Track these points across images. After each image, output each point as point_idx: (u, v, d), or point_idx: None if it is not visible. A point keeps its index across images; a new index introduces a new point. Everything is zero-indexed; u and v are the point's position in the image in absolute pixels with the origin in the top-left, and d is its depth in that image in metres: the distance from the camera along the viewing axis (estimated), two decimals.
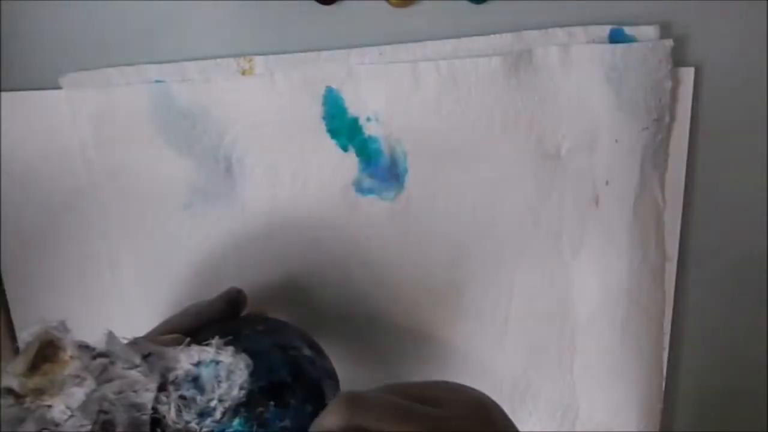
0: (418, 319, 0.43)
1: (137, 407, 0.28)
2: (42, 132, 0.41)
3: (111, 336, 0.29)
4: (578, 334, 0.43)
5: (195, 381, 0.30)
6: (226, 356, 0.30)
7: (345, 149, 0.40)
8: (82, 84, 0.40)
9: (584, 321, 0.43)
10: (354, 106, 0.39)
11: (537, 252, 0.42)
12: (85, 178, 0.41)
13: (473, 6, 0.38)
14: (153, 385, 0.29)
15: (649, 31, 0.38)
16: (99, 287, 0.44)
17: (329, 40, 0.39)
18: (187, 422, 0.29)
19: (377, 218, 0.41)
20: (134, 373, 0.29)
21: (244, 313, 0.38)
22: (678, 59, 0.39)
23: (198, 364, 0.30)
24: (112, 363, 0.29)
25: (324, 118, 0.40)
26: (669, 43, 0.37)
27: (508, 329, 0.43)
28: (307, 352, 0.35)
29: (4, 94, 0.40)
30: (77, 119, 0.40)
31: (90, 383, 0.28)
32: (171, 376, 0.29)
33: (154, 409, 0.29)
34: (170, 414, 0.29)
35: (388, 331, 0.44)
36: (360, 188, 0.41)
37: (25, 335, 0.29)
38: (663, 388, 0.43)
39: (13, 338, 0.45)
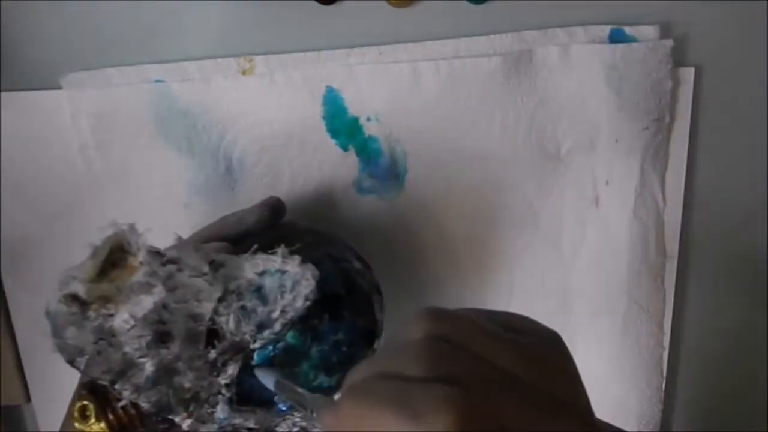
0: None
1: (195, 318, 0.27)
2: (42, 132, 0.41)
3: (182, 241, 0.28)
4: (578, 334, 0.43)
5: (258, 291, 0.28)
6: (293, 266, 0.28)
7: (345, 149, 0.40)
8: (82, 84, 0.40)
9: (584, 321, 0.43)
10: (354, 106, 0.39)
11: (537, 251, 0.42)
12: (85, 178, 0.41)
13: (473, 6, 0.38)
14: (216, 295, 0.27)
15: (650, 31, 0.38)
16: None
17: (329, 40, 0.39)
18: (244, 334, 0.28)
19: (377, 218, 0.41)
20: (200, 282, 0.27)
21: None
22: (678, 59, 0.38)
23: (262, 273, 0.28)
24: (180, 270, 0.27)
25: (324, 117, 0.40)
26: (669, 43, 0.37)
27: None
28: (357, 264, 0.34)
29: (4, 94, 0.40)
30: (77, 119, 0.40)
31: (159, 291, 0.26)
32: (232, 286, 0.28)
33: (212, 320, 0.27)
34: (228, 325, 0.27)
35: (387, 331, 0.44)
36: (360, 188, 0.41)
37: (94, 239, 0.26)
38: (663, 388, 0.43)
39: (13, 338, 0.45)
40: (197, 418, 0.28)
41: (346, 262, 0.34)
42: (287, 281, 0.28)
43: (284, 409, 0.30)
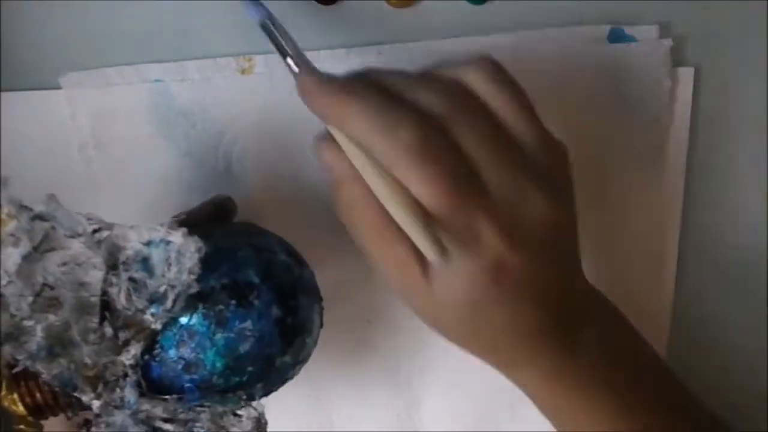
0: (416, 319, 0.43)
1: (85, 287, 0.27)
2: (42, 132, 0.41)
3: (52, 198, 0.27)
4: None
5: (145, 262, 0.28)
6: (177, 236, 0.28)
7: None
8: (81, 84, 0.40)
9: None
10: None
11: None
12: (85, 178, 0.41)
13: (473, 6, 0.38)
14: (99, 261, 0.27)
15: (649, 31, 0.38)
16: None
17: (329, 40, 0.39)
18: (138, 309, 0.28)
19: None
20: (77, 244, 0.27)
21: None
22: (677, 59, 0.38)
23: (148, 243, 0.28)
24: (53, 229, 0.27)
25: None
26: (668, 42, 0.37)
27: None
28: (283, 257, 0.33)
29: (4, 94, 0.40)
30: (77, 119, 0.40)
31: (26, 244, 0.26)
32: (121, 257, 0.28)
33: (105, 293, 0.27)
34: (120, 298, 0.27)
35: (387, 331, 0.44)
36: None
37: None
38: None
39: None
40: (107, 401, 0.28)
41: (269, 252, 0.33)
42: (171, 252, 0.28)
43: (196, 400, 0.30)
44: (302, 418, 0.44)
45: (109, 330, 0.27)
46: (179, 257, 0.28)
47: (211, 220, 0.36)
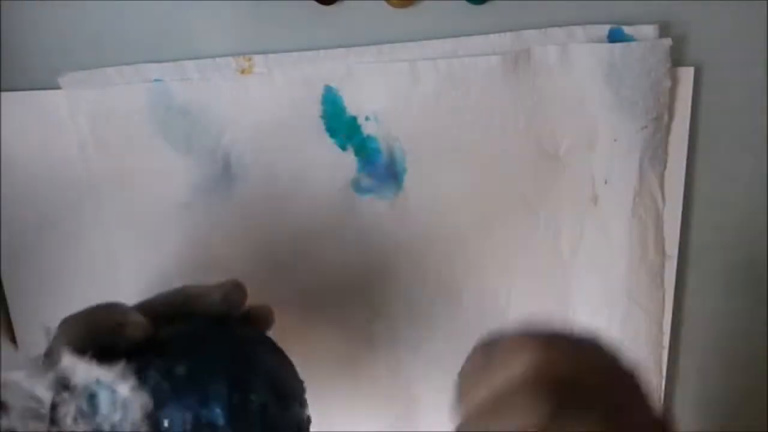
0: (416, 319, 0.43)
1: (35, 399, 0.27)
2: (42, 132, 0.41)
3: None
4: None
5: (92, 398, 0.27)
6: (124, 389, 0.27)
7: (344, 148, 0.40)
8: (81, 83, 0.40)
9: (583, 320, 0.43)
10: (353, 106, 0.39)
11: (536, 251, 0.42)
12: (85, 178, 0.42)
13: (473, 6, 0.38)
14: (42, 387, 0.27)
15: (649, 31, 0.38)
16: (98, 287, 0.44)
17: (329, 40, 0.39)
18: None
19: (376, 218, 0.41)
20: (20, 374, 0.27)
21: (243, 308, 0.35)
22: (677, 59, 0.38)
23: (97, 383, 0.27)
24: None
25: (323, 117, 0.40)
26: (668, 42, 0.37)
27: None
28: (260, 397, 0.31)
29: (4, 94, 0.40)
30: (76, 119, 0.40)
31: None
32: (71, 383, 0.27)
33: (53, 407, 0.27)
34: (66, 419, 0.27)
35: (386, 331, 0.44)
36: (359, 188, 0.41)
37: None
38: (663, 388, 0.43)
39: (13, 338, 0.45)
40: None
41: (248, 393, 0.30)
42: (117, 400, 0.27)
43: None
44: None
45: None
46: (125, 407, 0.27)
47: (216, 313, 0.34)
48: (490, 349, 0.26)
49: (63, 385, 0.27)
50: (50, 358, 0.28)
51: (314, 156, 0.40)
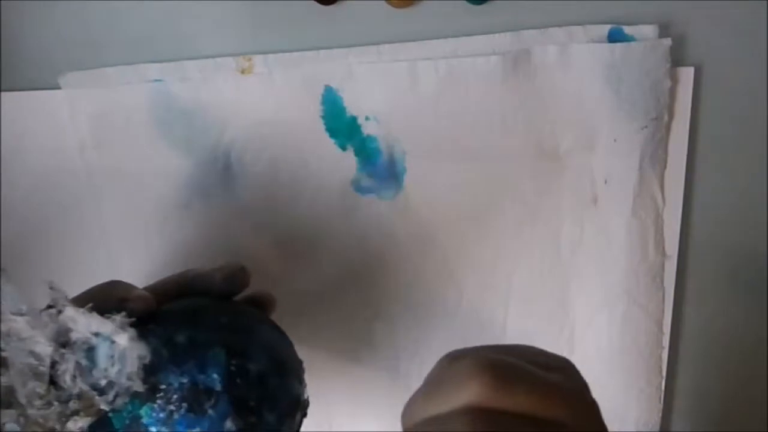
0: (416, 319, 0.43)
1: (35, 356, 0.27)
2: (42, 132, 0.41)
3: (3, 273, 0.28)
4: (577, 333, 0.43)
5: (90, 351, 0.27)
6: (122, 338, 0.27)
7: (344, 148, 0.40)
8: (81, 83, 0.40)
9: (583, 320, 0.43)
10: (353, 106, 0.39)
11: (535, 251, 0.42)
12: (85, 178, 0.42)
13: (473, 6, 0.38)
14: (43, 340, 0.27)
15: (648, 31, 0.38)
16: None
17: (329, 40, 0.39)
18: (83, 390, 0.27)
19: (376, 218, 0.41)
20: (21, 321, 0.27)
21: (247, 293, 0.36)
22: (677, 59, 0.38)
23: (96, 335, 0.27)
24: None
25: (323, 117, 0.40)
26: (668, 42, 0.37)
27: (506, 329, 0.43)
28: (260, 366, 0.31)
29: (4, 94, 0.40)
30: (76, 119, 0.40)
31: None
32: (71, 337, 0.27)
33: (54, 365, 0.27)
34: (65, 377, 0.27)
35: (386, 331, 0.44)
36: (359, 188, 0.41)
37: None
38: (663, 388, 0.43)
39: None
40: None
41: (245, 360, 0.31)
42: (116, 352, 0.27)
43: None
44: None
45: (54, 400, 0.27)
46: (122, 358, 0.28)
47: (219, 293, 0.34)
48: (449, 366, 0.25)
49: (63, 340, 0.27)
50: (52, 310, 0.28)
51: (314, 156, 0.40)
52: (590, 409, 0.25)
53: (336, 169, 0.40)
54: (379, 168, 0.41)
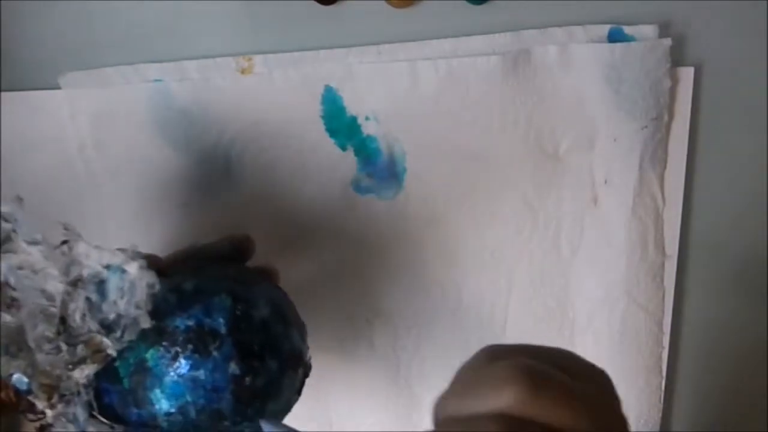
0: (416, 319, 0.43)
1: (46, 296, 0.27)
2: (42, 132, 0.41)
3: (17, 201, 0.27)
4: (577, 333, 0.43)
5: (100, 285, 0.28)
6: (132, 267, 0.28)
7: (344, 148, 0.40)
8: (81, 83, 0.40)
9: (583, 320, 0.43)
10: (353, 106, 0.39)
11: (535, 251, 0.42)
12: (85, 178, 0.42)
13: (473, 6, 0.38)
14: (55, 272, 0.27)
15: (648, 31, 0.38)
16: None
17: (329, 40, 0.39)
18: (91, 330, 0.27)
19: (376, 217, 0.41)
20: (36, 252, 0.27)
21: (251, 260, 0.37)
22: (677, 59, 0.38)
23: (107, 267, 0.28)
24: (15, 231, 0.27)
25: (323, 117, 0.40)
26: (668, 42, 0.37)
27: (506, 329, 0.43)
28: (264, 314, 0.32)
29: (4, 94, 0.40)
30: (76, 119, 0.40)
31: None
32: (83, 273, 0.28)
33: (64, 305, 0.27)
34: (75, 315, 0.27)
35: (386, 331, 0.44)
36: (359, 187, 0.41)
37: None
38: (663, 388, 0.43)
39: None
40: (61, 413, 0.28)
41: (250, 306, 0.31)
42: (126, 281, 0.28)
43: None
44: (302, 418, 0.44)
45: (63, 344, 0.27)
46: (132, 288, 0.28)
47: (225, 258, 0.35)
48: (488, 365, 0.25)
49: (74, 278, 0.27)
50: (65, 246, 0.28)
51: (314, 156, 0.40)
52: (618, 423, 0.25)
53: (336, 169, 0.40)
54: (379, 168, 0.41)
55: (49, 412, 0.28)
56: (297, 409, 0.44)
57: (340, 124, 0.40)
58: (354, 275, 0.42)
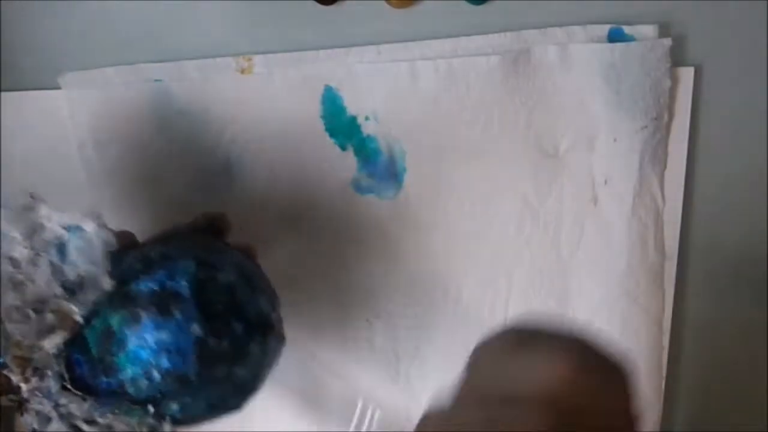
0: (416, 319, 0.43)
1: (12, 261, 0.27)
2: (42, 132, 0.41)
3: None
4: None
5: (61, 247, 0.28)
6: (89, 225, 0.28)
7: (343, 148, 0.40)
8: (81, 84, 0.40)
9: (583, 320, 0.43)
10: (352, 105, 0.40)
11: (535, 251, 0.42)
12: (85, 178, 0.42)
13: (473, 6, 0.38)
14: (17, 235, 0.27)
15: (648, 31, 0.38)
16: None
17: (329, 40, 0.39)
18: (56, 295, 0.28)
19: (376, 217, 0.41)
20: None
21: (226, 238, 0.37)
22: (677, 59, 0.38)
23: (68, 228, 0.28)
24: None
25: (322, 117, 0.40)
26: (668, 42, 0.37)
27: None
28: (230, 278, 0.32)
29: (4, 94, 0.41)
30: (76, 119, 0.40)
31: None
32: (45, 236, 0.28)
33: (31, 268, 0.27)
34: (41, 280, 0.27)
35: (386, 331, 0.44)
36: (359, 187, 0.41)
37: None
38: (663, 388, 0.43)
39: None
40: (35, 387, 0.28)
41: (214, 270, 0.31)
42: (83, 240, 0.28)
43: (111, 405, 0.29)
44: (302, 418, 0.44)
45: (32, 312, 0.28)
46: (90, 246, 0.28)
47: (202, 233, 0.36)
48: (522, 341, 0.25)
49: (37, 242, 0.28)
50: (28, 207, 0.29)
51: (314, 156, 0.40)
52: (626, 421, 0.25)
53: (336, 169, 0.41)
54: (379, 168, 0.41)
55: (23, 386, 0.28)
56: (297, 409, 0.44)
57: (340, 124, 0.40)
58: (353, 275, 0.42)
